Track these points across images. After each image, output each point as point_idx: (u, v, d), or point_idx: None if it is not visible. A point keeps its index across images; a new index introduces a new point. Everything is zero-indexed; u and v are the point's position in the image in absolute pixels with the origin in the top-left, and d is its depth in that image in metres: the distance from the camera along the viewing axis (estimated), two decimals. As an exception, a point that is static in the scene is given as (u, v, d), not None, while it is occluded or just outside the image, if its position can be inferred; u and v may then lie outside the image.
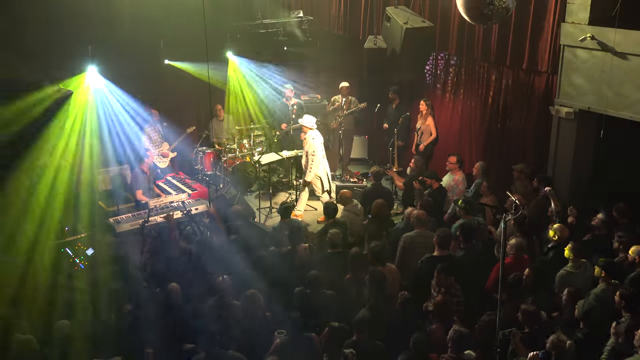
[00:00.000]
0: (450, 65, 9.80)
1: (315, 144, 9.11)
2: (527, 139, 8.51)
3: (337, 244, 6.52)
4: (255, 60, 11.02)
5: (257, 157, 10.08)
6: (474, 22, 6.13)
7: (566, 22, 7.41)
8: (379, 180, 8.51)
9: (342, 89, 10.67)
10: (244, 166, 10.30)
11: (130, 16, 9.70)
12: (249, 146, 10.74)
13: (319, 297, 5.68)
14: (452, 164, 8.56)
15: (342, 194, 8.16)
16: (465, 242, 6.37)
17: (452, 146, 9.66)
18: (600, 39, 7.00)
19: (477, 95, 9.30)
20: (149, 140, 9.89)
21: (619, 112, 7.05)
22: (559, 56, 7.57)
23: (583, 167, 7.78)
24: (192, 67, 10.18)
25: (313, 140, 9.13)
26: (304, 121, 9.26)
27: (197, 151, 10.65)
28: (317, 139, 9.14)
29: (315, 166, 9.11)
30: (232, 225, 7.13)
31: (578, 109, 7.48)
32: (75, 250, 7.28)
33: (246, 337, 5.23)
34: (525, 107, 8.45)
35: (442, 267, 5.72)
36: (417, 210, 6.86)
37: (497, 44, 8.43)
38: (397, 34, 8.97)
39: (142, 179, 8.87)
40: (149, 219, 7.69)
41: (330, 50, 11.42)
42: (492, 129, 9.06)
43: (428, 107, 9.95)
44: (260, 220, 9.24)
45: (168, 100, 10.73)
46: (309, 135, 9.16)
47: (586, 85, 7.34)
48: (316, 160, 9.10)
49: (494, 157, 9.04)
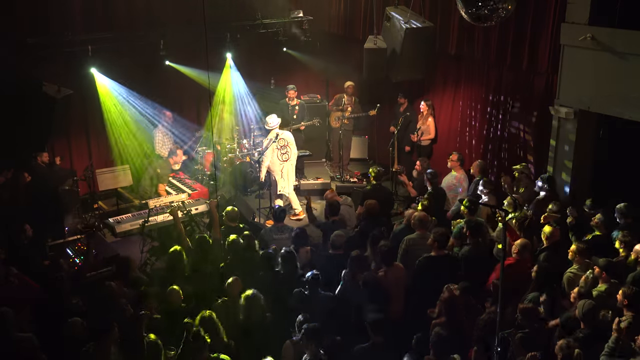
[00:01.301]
0: (450, 65, 9.80)
1: (264, 144, 9.22)
2: (527, 139, 8.51)
3: (339, 246, 6.52)
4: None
5: (257, 157, 10.09)
6: (474, 22, 6.12)
7: (566, 22, 7.40)
8: (378, 181, 8.50)
9: (347, 88, 10.65)
10: (244, 166, 10.31)
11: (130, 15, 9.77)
12: (249, 146, 10.75)
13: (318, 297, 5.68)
14: (454, 162, 8.57)
15: (327, 194, 8.19)
16: (472, 238, 6.37)
17: (452, 146, 9.68)
18: (600, 39, 6.99)
19: (477, 95, 9.30)
20: (161, 144, 9.91)
21: (618, 112, 7.05)
22: (559, 56, 7.57)
23: (583, 167, 7.78)
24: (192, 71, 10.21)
25: (264, 141, 9.28)
26: (266, 123, 9.29)
27: (197, 151, 10.67)
28: (269, 140, 9.15)
29: (264, 166, 9.14)
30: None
31: (578, 109, 7.48)
32: (75, 250, 7.28)
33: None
34: (525, 107, 8.45)
35: (464, 287, 5.60)
36: (417, 212, 6.85)
37: (497, 44, 8.42)
38: (397, 34, 8.98)
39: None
40: (149, 219, 7.70)
41: (330, 50, 11.42)
42: (492, 129, 9.06)
43: (429, 107, 9.96)
44: (260, 220, 9.24)
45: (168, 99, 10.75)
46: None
47: (586, 85, 7.33)
48: (265, 160, 9.10)
49: (494, 157, 9.04)
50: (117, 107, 9.81)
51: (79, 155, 10.13)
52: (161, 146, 9.96)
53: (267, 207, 9.55)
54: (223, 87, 10.91)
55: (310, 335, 4.87)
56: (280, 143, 9.09)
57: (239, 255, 6.35)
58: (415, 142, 10.07)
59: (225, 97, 10.97)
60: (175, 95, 10.86)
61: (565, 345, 4.54)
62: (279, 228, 7.29)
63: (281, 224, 7.36)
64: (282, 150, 9.13)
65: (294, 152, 9.28)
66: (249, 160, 10.42)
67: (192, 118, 11.13)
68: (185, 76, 10.27)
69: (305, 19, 10.80)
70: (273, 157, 9.10)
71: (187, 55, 10.12)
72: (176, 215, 7.17)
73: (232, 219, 7.17)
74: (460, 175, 8.53)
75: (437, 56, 9.72)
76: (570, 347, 4.53)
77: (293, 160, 9.31)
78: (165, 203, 8.14)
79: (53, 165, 9.12)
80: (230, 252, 6.37)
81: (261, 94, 11.50)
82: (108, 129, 9.88)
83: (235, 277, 5.72)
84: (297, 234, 6.90)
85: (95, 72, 9.29)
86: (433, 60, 9.78)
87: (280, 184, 9.23)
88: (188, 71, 10.18)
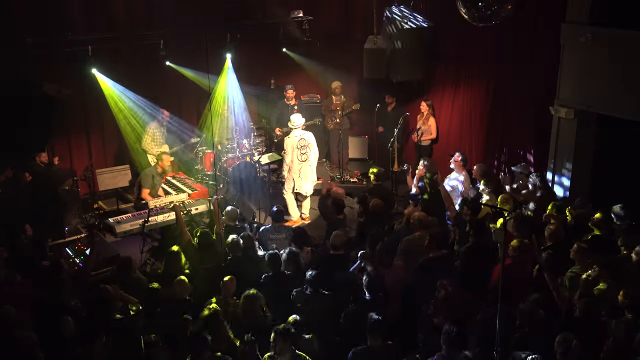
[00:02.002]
0: (450, 65, 9.80)
1: (286, 142, 9.18)
2: (527, 139, 8.51)
3: (339, 246, 6.52)
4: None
5: (257, 157, 10.09)
6: (474, 22, 6.13)
7: (566, 22, 7.40)
8: (379, 181, 8.50)
9: (335, 89, 10.76)
10: (244, 166, 10.30)
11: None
12: (249, 146, 10.75)
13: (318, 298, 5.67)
14: (457, 162, 8.57)
15: (334, 193, 8.13)
16: (476, 236, 6.36)
17: (453, 146, 9.68)
18: (600, 39, 7.00)
19: (477, 95, 9.30)
20: (151, 139, 9.82)
21: (618, 112, 7.05)
22: (559, 56, 7.57)
23: (583, 167, 7.78)
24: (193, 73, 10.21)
25: (287, 139, 9.22)
26: (290, 123, 9.28)
27: (197, 151, 10.66)
28: (291, 138, 9.13)
29: (285, 165, 9.16)
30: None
31: (578, 109, 7.48)
32: (75, 250, 7.28)
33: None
34: (525, 107, 8.45)
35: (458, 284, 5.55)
36: (418, 212, 6.84)
37: (497, 44, 8.42)
38: (397, 34, 8.99)
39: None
40: (149, 219, 7.69)
41: (330, 51, 11.42)
42: (492, 128, 9.06)
43: (429, 108, 9.96)
44: (260, 220, 9.24)
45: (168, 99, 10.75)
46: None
47: (586, 85, 7.34)
48: (286, 158, 9.13)
49: (494, 157, 9.05)
50: (124, 106, 9.83)
51: (79, 155, 10.12)
52: (150, 142, 9.80)
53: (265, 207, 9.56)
54: (222, 88, 10.91)
55: (282, 336, 4.71)
56: (300, 143, 9.11)
57: (240, 255, 6.36)
58: (415, 142, 10.07)
59: (225, 97, 10.98)
60: (175, 95, 10.86)
61: (562, 339, 4.55)
62: (276, 228, 7.30)
63: (278, 224, 7.36)
64: (302, 150, 9.14)
65: (314, 152, 9.29)
66: (249, 160, 10.41)
67: (192, 118, 11.12)
68: (185, 76, 10.28)
69: (305, 19, 10.80)
70: (293, 157, 9.12)
71: (187, 56, 10.12)
72: (178, 211, 7.19)
73: (232, 219, 7.17)
74: (462, 176, 8.53)
75: (437, 56, 9.73)
76: (567, 339, 4.54)
77: (312, 161, 9.30)
78: (165, 203, 8.14)
79: (52, 165, 9.11)
80: (230, 251, 6.38)
81: (261, 94, 11.51)
82: (122, 129, 9.88)
83: (231, 276, 5.72)
84: (297, 233, 6.89)
85: (97, 73, 9.28)
86: (433, 60, 9.79)
87: (297, 183, 9.24)
88: (188, 73, 10.18)
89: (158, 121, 9.89)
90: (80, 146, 10.16)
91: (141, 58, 9.76)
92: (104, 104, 10.00)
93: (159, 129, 9.92)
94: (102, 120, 10.24)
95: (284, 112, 10.61)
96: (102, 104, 10.05)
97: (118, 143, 10.48)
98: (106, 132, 10.37)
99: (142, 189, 8.52)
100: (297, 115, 9.32)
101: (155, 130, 9.83)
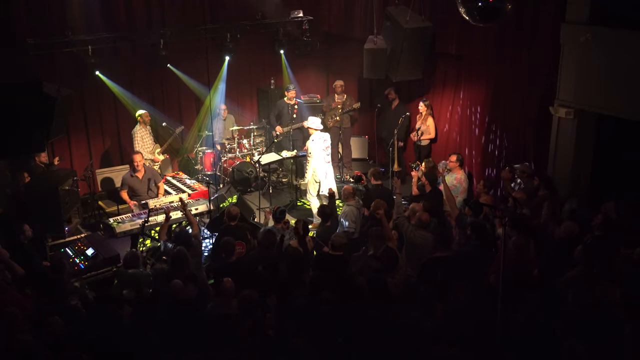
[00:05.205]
0: (450, 64, 9.80)
1: (312, 146, 9.08)
2: (527, 139, 8.51)
3: (339, 247, 6.52)
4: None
5: (257, 157, 10.09)
6: (474, 22, 6.12)
7: (566, 22, 7.41)
8: (378, 180, 8.50)
9: (336, 87, 10.77)
10: (244, 166, 10.31)
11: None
12: (249, 146, 10.75)
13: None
14: (453, 163, 8.57)
15: (344, 190, 8.12)
16: (478, 239, 6.35)
17: (452, 146, 9.68)
18: (600, 39, 7.00)
19: (477, 95, 9.30)
20: (140, 141, 9.67)
21: (618, 112, 7.05)
22: (559, 56, 7.57)
23: (583, 167, 7.78)
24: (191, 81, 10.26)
25: (311, 142, 9.11)
26: (307, 123, 9.25)
27: (197, 151, 10.66)
28: (316, 141, 9.06)
29: (312, 168, 9.09)
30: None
31: (578, 109, 7.48)
32: (75, 250, 7.29)
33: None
34: (525, 107, 8.45)
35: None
36: (419, 213, 6.84)
37: (497, 44, 8.42)
38: (397, 34, 8.99)
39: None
40: (149, 219, 7.70)
41: (330, 50, 11.41)
42: (491, 129, 9.06)
43: (427, 108, 9.96)
44: (260, 220, 9.24)
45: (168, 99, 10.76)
46: (310, 137, 9.16)
47: (586, 85, 7.34)
48: (312, 162, 9.07)
49: (494, 157, 9.05)
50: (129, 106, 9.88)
51: (79, 155, 10.12)
52: (140, 145, 9.66)
53: (267, 207, 9.57)
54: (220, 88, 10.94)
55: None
56: (325, 145, 9.10)
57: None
58: (414, 141, 10.07)
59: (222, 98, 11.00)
60: (175, 95, 10.87)
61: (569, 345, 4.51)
62: (278, 230, 7.28)
63: (280, 226, 7.35)
64: (327, 152, 9.13)
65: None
66: (249, 160, 10.42)
67: (192, 118, 11.14)
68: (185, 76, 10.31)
69: (305, 19, 10.80)
70: (320, 159, 9.07)
71: (187, 56, 10.13)
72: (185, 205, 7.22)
73: (232, 219, 7.17)
74: (460, 176, 8.53)
75: (436, 56, 9.73)
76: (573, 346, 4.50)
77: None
78: (165, 203, 8.14)
79: (51, 165, 9.11)
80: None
81: (261, 94, 11.52)
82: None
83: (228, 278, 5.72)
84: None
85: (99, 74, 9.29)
86: (433, 60, 9.79)
87: (323, 184, 9.17)
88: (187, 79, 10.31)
89: (141, 123, 9.69)
90: (80, 146, 10.16)
91: (141, 58, 9.77)
92: (104, 104, 10.02)
93: (144, 129, 9.76)
94: (102, 121, 10.24)
95: (283, 111, 10.62)
96: (102, 104, 10.07)
97: (118, 143, 10.49)
98: (106, 132, 10.38)
99: (120, 192, 8.73)
100: (316, 119, 9.27)
101: (143, 134, 9.71)
